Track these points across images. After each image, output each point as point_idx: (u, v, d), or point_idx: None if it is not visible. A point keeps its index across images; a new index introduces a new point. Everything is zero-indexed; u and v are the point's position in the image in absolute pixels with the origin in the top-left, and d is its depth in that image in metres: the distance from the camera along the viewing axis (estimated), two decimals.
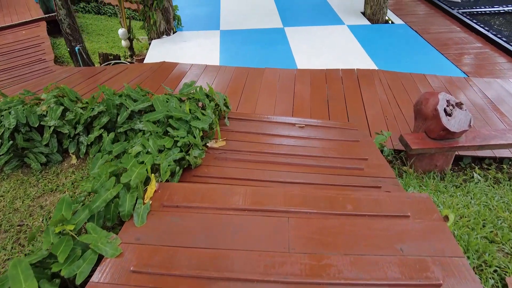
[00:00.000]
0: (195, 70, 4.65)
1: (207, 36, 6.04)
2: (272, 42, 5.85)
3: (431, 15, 6.91)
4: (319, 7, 7.21)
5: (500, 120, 3.74)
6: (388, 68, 4.98)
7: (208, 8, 7.04)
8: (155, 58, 5.35)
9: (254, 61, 5.22)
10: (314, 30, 6.22)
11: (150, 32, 6.04)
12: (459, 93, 4.24)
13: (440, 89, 4.33)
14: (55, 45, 10.06)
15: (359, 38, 5.92)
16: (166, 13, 5.93)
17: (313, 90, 4.17)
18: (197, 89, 2.93)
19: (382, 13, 6.56)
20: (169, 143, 2.19)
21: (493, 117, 3.78)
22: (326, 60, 5.25)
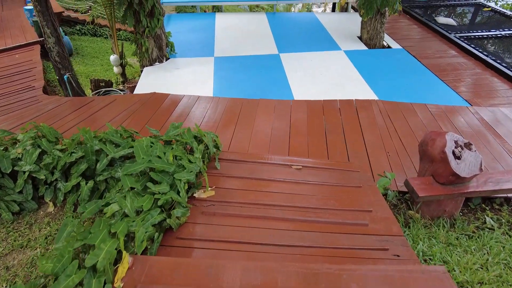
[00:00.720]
0: (187, 101, 4.42)
1: (200, 63, 5.86)
2: (267, 68, 5.67)
3: (428, 39, 6.79)
4: (315, 32, 7.08)
5: (510, 154, 3.51)
6: (387, 96, 4.79)
7: (203, 34, 6.90)
8: (147, 87, 5.14)
9: (249, 89, 5.02)
10: (310, 56, 6.06)
11: (142, 59, 5.86)
12: (463, 124, 4.02)
13: (443, 120, 4.11)
14: (48, 68, 9.88)
15: (356, 64, 5.75)
16: (159, 40, 5.76)
17: (310, 122, 3.94)
18: (185, 131, 2.69)
19: (379, 38, 6.42)
20: (148, 202, 1.93)
21: (502, 152, 3.55)
22: (323, 87, 5.06)
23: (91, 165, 2.55)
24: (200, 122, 3.98)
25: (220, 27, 7.23)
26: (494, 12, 7.96)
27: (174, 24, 7.41)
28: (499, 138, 3.79)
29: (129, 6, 5.27)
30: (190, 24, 7.37)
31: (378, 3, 5.86)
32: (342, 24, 7.49)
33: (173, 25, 7.33)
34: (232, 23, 7.43)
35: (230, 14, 8.15)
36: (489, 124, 4.05)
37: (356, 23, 7.36)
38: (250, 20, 7.65)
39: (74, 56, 11.40)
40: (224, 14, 8.05)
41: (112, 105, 4.48)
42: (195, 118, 4.07)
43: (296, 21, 7.85)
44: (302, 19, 7.91)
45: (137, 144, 2.41)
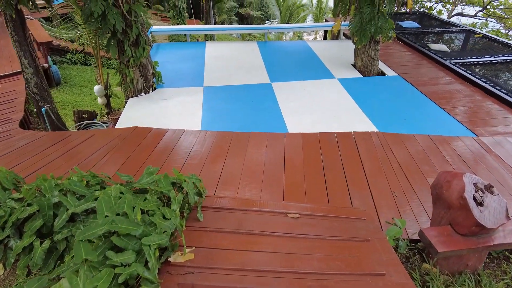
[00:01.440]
0: (171, 136, 4.04)
1: (189, 93, 5.53)
2: (259, 98, 5.35)
3: (423, 65, 6.59)
4: (307, 60, 6.86)
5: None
6: (387, 127, 4.47)
7: (192, 64, 6.62)
8: (130, 119, 4.77)
9: (239, 121, 4.67)
10: (303, 84, 5.78)
11: (127, 90, 5.51)
12: (471, 157, 3.68)
13: (449, 153, 3.76)
14: None
15: (351, 93, 5.47)
16: (145, 70, 5.45)
17: (306, 159, 3.56)
18: (161, 177, 2.29)
19: (373, 65, 6.20)
20: (106, 280, 1.49)
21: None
22: (318, 118, 4.73)
23: (47, 222, 2.11)
24: (184, 159, 3.58)
25: (210, 56, 6.98)
26: (485, 39, 7.87)
27: (163, 53, 7.15)
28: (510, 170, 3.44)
29: (112, 35, 4.98)
30: (180, 53, 7.12)
31: (372, 31, 5.66)
32: (335, 51, 7.30)
33: (162, 54, 7.08)
34: (223, 52, 7.20)
35: (220, 43, 7.95)
36: (499, 156, 3.71)
37: (349, 50, 7.18)
38: (241, 49, 7.43)
39: (62, 85, 11.10)
40: (215, 43, 7.84)
41: (90, 141, 4.07)
42: (179, 154, 3.67)
43: (288, 49, 7.67)
44: (294, 47, 7.73)
45: (102, 197, 1.99)
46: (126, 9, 4.82)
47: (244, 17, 30.90)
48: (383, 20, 5.67)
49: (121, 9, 4.77)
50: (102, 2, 4.54)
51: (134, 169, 3.45)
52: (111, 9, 4.64)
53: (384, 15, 5.70)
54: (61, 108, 9.45)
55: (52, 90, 10.68)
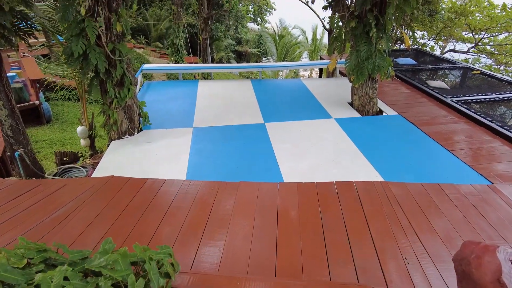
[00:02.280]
0: (150, 187, 3.56)
1: (177, 135, 5.13)
2: (251, 140, 4.94)
3: (423, 103, 6.27)
4: (302, 99, 6.54)
5: None
6: (391, 173, 4.03)
7: (183, 103, 6.27)
8: (110, 165, 4.32)
9: (229, 165, 4.23)
10: (299, 125, 5.40)
11: (110, 132, 5.10)
12: (493, 213, 3.19)
13: (465, 207, 3.29)
14: None
15: (350, 134, 5.07)
16: (130, 111, 5.07)
17: (302, 215, 3.07)
18: (118, 258, 1.79)
19: (372, 104, 5.86)
20: None
21: None
22: (315, 163, 4.29)
23: None
24: (161, 217, 3.08)
25: (202, 95, 6.66)
26: (484, 75, 7.64)
27: (154, 92, 6.84)
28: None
29: (95, 75, 4.65)
30: (171, 92, 6.81)
31: (370, 69, 5.37)
32: (331, 90, 7.01)
33: (152, 93, 6.76)
34: (216, 91, 6.89)
35: (214, 82, 7.69)
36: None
37: (346, 88, 6.90)
38: (234, 88, 7.14)
39: (53, 123, 10.75)
40: (208, 82, 7.58)
41: (61, 192, 3.59)
42: (156, 210, 3.18)
43: (283, 87, 7.39)
44: (289, 86, 7.45)
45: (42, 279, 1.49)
46: (110, 48, 4.52)
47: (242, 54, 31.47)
48: (380, 58, 5.40)
49: (104, 49, 4.47)
50: (83, 41, 4.24)
51: (103, 227, 2.94)
52: (93, 48, 4.33)
53: (382, 53, 5.45)
54: (49, 146, 9.04)
55: (42, 127, 10.33)
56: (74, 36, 4.25)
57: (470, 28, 13.09)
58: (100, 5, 4.30)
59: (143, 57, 21.32)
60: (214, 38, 27.07)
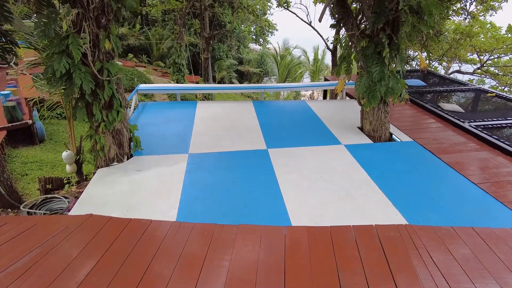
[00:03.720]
0: (133, 230, 2.99)
1: (170, 162, 4.59)
2: (253, 169, 4.39)
3: (439, 129, 5.74)
4: (308, 122, 6.01)
5: None
6: (413, 211, 3.47)
7: (179, 126, 5.74)
8: (92, 198, 3.77)
9: (227, 202, 3.67)
10: (305, 152, 4.86)
11: (96, 159, 4.57)
12: None
13: (506, 255, 2.70)
14: (11, 156, 8.64)
15: (363, 163, 4.52)
16: (119, 135, 4.56)
17: (315, 270, 2.49)
18: None
19: (384, 129, 5.34)
20: None
21: None
22: (326, 197, 3.73)
23: None
24: (143, 270, 2.49)
25: (200, 117, 6.15)
26: (499, 98, 7.15)
27: (149, 114, 6.33)
28: None
29: (80, 97, 4.16)
30: (167, 114, 6.30)
31: (382, 92, 4.88)
32: (338, 113, 6.50)
33: (147, 115, 6.24)
34: (215, 113, 6.39)
35: (213, 103, 7.20)
36: None
37: (354, 111, 6.40)
38: (235, 109, 6.64)
39: (46, 142, 10.24)
40: (207, 103, 7.09)
41: (28, 233, 3.01)
42: (138, 260, 2.60)
43: (286, 110, 6.88)
44: (293, 108, 6.95)
45: None
46: (98, 67, 4.05)
47: (244, 74, 31.38)
48: (394, 80, 4.91)
49: (91, 68, 4.00)
50: (67, 59, 3.77)
51: (74, 279, 2.36)
52: (78, 67, 3.85)
53: (395, 75, 4.97)
54: (38, 168, 8.50)
55: (34, 148, 9.81)
56: (57, 53, 3.78)
57: (475, 49, 12.75)
58: (87, 20, 3.85)
59: (144, 76, 21.06)
60: (216, 58, 27.00)
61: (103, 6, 3.99)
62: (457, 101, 7.33)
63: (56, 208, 4.38)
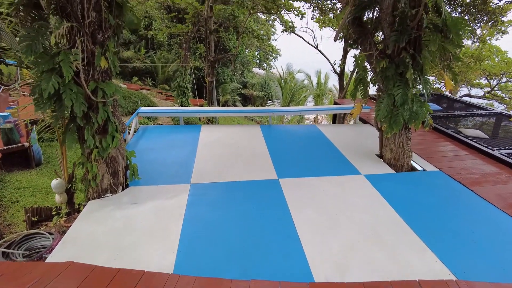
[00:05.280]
0: (116, 286, 2.41)
1: (170, 193, 4.04)
2: (263, 203, 3.83)
3: (465, 157, 5.19)
4: (322, 149, 5.45)
5: None
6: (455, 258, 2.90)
7: (181, 152, 5.19)
8: (77, 239, 3.21)
9: (233, 247, 3.09)
10: (321, 182, 4.30)
11: (88, 189, 4.04)
12: None
13: None
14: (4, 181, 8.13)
15: (387, 196, 3.96)
16: (113, 163, 4.04)
17: None
18: None
19: (406, 157, 4.80)
20: None
21: None
22: (350, 239, 3.16)
23: None
24: None
25: (205, 142, 5.64)
26: None
27: (149, 138, 5.82)
28: None
29: (71, 120, 3.69)
30: (169, 139, 5.80)
31: (406, 117, 4.38)
32: (353, 138, 5.98)
33: (147, 140, 5.73)
34: (219, 138, 5.88)
35: (217, 127, 6.71)
36: None
37: (370, 136, 5.90)
38: (241, 134, 6.14)
39: (42, 166, 9.73)
40: (211, 127, 6.60)
41: None
42: None
43: (297, 135, 6.35)
44: (304, 133, 6.42)
45: None
46: (92, 88, 3.59)
47: (247, 97, 31.26)
48: (418, 104, 4.43)
49: (83, 88, 3.55)
50: (57, 78, 3.32)
51: None
52: (69, 87, 3.39)
53: (419, 98, 4.49)
54: (31, 194, 7.95)
55: (29, 172, 9.30)
56: (47, 72, 3.34)
57: (484, 72, 12.39)
58: (81, 36, 3.43)
59: (148, 99, 20.85)
60: (220, 82, 26.94)
61: (100, 21, 3.58)
62: (478, 126, 6.82)
63: (39, 246, 3.80)
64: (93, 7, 3.48)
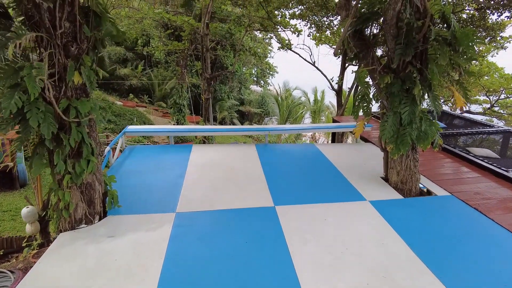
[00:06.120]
0: None
1: (152, 224, 3.55)
2: (256, 235, 3.35)
3: (478, 180, 4.75)
4: (322, 171, 4.97)
5: None
6: None
7: (168, 176, 4.68)
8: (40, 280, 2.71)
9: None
10: (322, 210, 3.83)
11: (59, 220, 3.55)
12: None
13: None
14: None
15: (397, 227, 3.48)
16: (89, 190, 3.57)
17: None
18: None
19: (414, 180, 4.35)
20: None
21: None
22: (356, 280, 2.68)
23: None
24: None
25: (195, 163, 5.17)
26: None
27: (134, 160, 5.32)
28: None
29: (39, 142, 3.24)
30: (156, 160, 5.32)
31: (414, 136, 3.97)
32: (354, 159, 5.53)
33: (132, 162, 5.21)
34: (211, 158, 5.41)
35: (210, 147, 6.24)
36: None
37: (372, 157, 5.47)
38: (235, 154, 5.67)
39: (27, 187, 9.19)
40: (203, 147, 6.13)
41: None
42: None
43: (295, 155, 5.87)
44: (302, 153, 5.96)
45: None
46: (63, 106, 3.17)
47: (245, 114, 31.02)
48: (427, 122, 4.02)
49: (53, 106, 3.12)
50: (21, 95, 2.89)
51: None
52: (35, 105, 2.97)
53: (427, 116, 4.09)
54: (11, 219, 7.40)
55: (13, 193, 8.76)
56: (9, 87, 2.92)
57: (484, 89, 12.13)
58: (52, 48, 3.03)
59: (144, 116, 20.49)
60: (218, 99, 26.71)
61: (75, 32, 3.20)
62: (487, 145, 6.41)
63: None
64: (67, 17, 3.11)
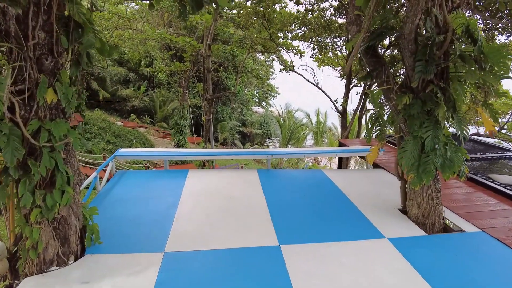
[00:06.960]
0: None
1: (135, 267, 2.99)
2: (258, 282, 2.78)
3: (507, 211, 4.19)
4: (333, 202, 4.38)
5: None
6: None
7: (159, 206, 4.13)
8: None
9: None
10: (335, 250, 3.26)
11: (25, 262, 3.00)
12: None
13: None
14: None
15: (422, 270, 2.91)
16: (63, 226, 3.03)
17: None
18: None
19: (437, 213, 3.80)
20: None
21: None
22: None
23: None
24: None
25: (190, 191, 4.63)
26: None
27: (124, 186, 4.78)
28: None
29: (3, 170, 2.75)
30: (148, 187, 4.79)
31: (438, 164, 3.45)
32: (367, 187, 4.96)
33: (120, 190, 4.61)
34: (208, 186, 4.87)
35: (207, 172, 5.68)
36: None
37: (387, 185, 4.94)
38: (235, 181, 5.12)
39: None
40: (200, 172, 5.58)
41: None
42: None
43: (301, 182, 5.25)
44: (308, 180, 5.36)
45: None
46: (33, 128, 2.69)
47: (247, 135, 30.67)
48: (452, 148, 3.52)
49: (20, 128, 2.65)
50: None
51: None
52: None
53: (452, 142, 3.59)
54: None
55: None
56: None
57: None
58: (23, 61, 2.59)
59: (144, 137, 20.11)
60: (219, 120, 26.43)
61: (51, 43, 2.77)
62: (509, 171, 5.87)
63: None
64: (42, 26, 2.69)
